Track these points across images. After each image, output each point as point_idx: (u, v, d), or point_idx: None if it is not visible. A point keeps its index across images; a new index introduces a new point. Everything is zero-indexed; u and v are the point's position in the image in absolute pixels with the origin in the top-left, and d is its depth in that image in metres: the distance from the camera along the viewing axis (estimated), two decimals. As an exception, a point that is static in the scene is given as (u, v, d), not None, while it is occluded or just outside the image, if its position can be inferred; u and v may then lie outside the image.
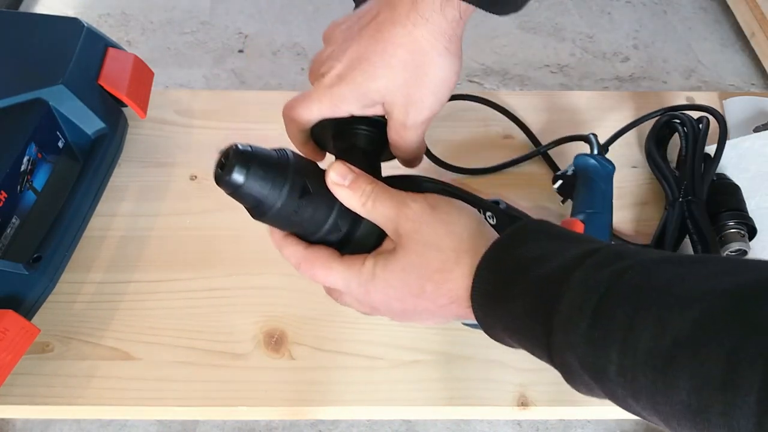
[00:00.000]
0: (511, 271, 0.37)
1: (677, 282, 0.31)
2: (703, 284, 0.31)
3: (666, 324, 0.30)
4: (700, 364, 0.28)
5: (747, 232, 0.59)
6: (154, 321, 0.57)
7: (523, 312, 0.36)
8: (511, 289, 0.36)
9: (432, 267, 0.39)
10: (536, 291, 0.35)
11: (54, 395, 0.54)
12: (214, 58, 1.87)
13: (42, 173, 0.60)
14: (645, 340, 0.30)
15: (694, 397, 0.28)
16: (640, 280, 0.32)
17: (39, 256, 0.56)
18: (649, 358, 0.30)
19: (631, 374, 0.31)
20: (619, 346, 0.31)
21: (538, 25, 1.97)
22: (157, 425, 1.27)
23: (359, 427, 1.28)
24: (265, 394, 0.54)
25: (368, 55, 0.42)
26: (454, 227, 0.40)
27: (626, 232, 0.63)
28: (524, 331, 0.36)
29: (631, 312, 0.31)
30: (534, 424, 1.29)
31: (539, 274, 0.36)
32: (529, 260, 0.37)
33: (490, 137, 0.71)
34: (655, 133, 0.67)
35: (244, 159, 0.38)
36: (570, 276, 0.34)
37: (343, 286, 0.42)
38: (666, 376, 0.29)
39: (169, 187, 0.67)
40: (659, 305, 0.31)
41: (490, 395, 0.54)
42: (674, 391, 0.29)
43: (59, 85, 0.60)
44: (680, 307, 0.30)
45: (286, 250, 0.43)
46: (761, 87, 1.84)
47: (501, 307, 0.37)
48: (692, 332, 0.29)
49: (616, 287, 0.33)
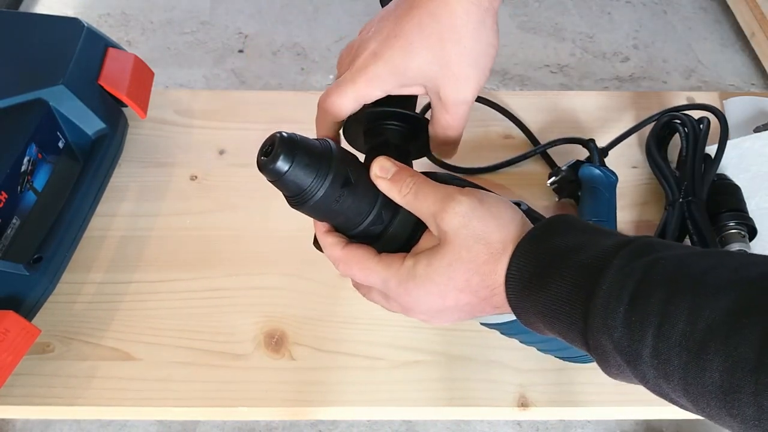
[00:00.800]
0: (548, 258, 0.38)
1: (709, 271, 0.33)
2: (732, 275, 0.32)
3: (700, 310, 0.32)
4: (733, 348, 0.30)
5: (747, 232, 0.59)
6: (154, 321, 0.57)
7: (560, 297, 0.37)
8: (548, 274, 0.37)
9: (480, 260, 0.39)
10: (574, 276, 0.36)
11: (54, 396, 0.54)
12: (214, 58, 1.87)
13: (42, 173, 0.60)
14: (680, 325, 0.32)
15: (726, 378, 0.30)
16: (673, 269, 0.34)
17: (39, 257, 0.56)
18: (684, 341, 0.32)
19: (665, 356, 0.32)
20: (655, 330, 0.33)
21: (538, 25, 1.97)
22: (157, 425, 1.27)
23: (359, 428, 1.28)
24: (265, 395, 0.54)
25: (404, 32, 0.40)
26: (502, 220, 0.40)
27: (627, 231, 0.63)
28: (560, 315, 0.37)
29: (666, 298, 0.33)
30: (534, 425, 1.29)
31: (576, 261, 0.37)
32: (565, 248, 0.38)
33: (490, 137, 0.71)
34: (655, 133, 0.67)
35: (290, 147, 0.38)
36: (607, 263, 0.35)
37: (382, 285, 0.42)
38: (699, 359, 0.31)
39: (169, 187, 0.67)
40: (693, 293, 0.32)
41: (490, 396, 0.54)
42: (706, 372, 0.31)
43: (59, 85, 0.60)
44: (713, 295, 0.32)
45: (326, 249, 0.44)
46: (761, 87, 1.84)
47: (537, 292, 0.38)
48: (726, 318, 0.31)
49: (651, 275, 0.34)
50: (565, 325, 0.37)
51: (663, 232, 0.60)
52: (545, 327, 0.39)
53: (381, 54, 0.41)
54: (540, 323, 0.39)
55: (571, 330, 0.37)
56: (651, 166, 0.66)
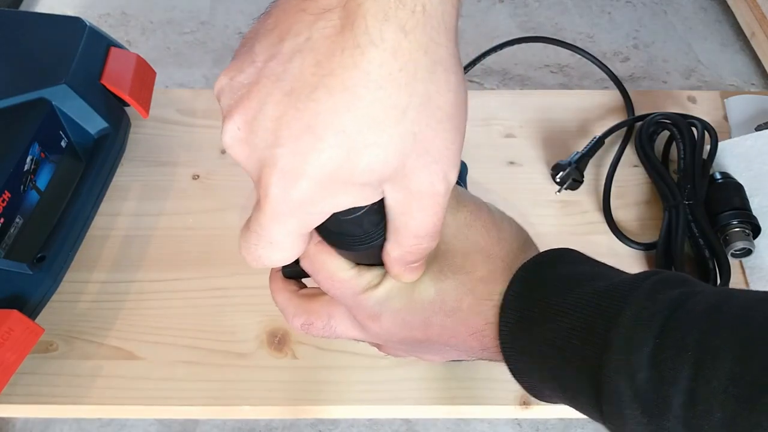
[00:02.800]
0: (555, 286, 0.31)
1: (760, 306, 0.27)
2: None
3: (753, 348, 0.25)
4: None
5: (751, 230, 0.59)
6: (157, 320, 0.58)
7: (570, 330, 0.29)
8: (555, 304, 0.30)
9: (476, 275, 0.33)
10: (589, 306, 0.29)
11: (58, 394, 0.54)
12: (214, 58, 1.87)
13: (45, 173, 0.60)
14: (726, 364, 0.25)
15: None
16: (717, 301, 0.27)
17: (43, 256, 0.56)
18: (731, 386, 0.24)
19: (703, 407, 0.25)
20: (692, 371, 0.25)
21: (538, 25, 1.97)
22: (157, 425, 1.27)
23: (359, 427, 1.28)
24: (268, 394, 0.54)
25: (327, 119, 0.25)
26: (505, 234, 0.35)
27: (629, 230, 0.63)
28: (566, 353, 0.29)
29: (708, 332, 0.26)
30: (534, 424, 1.29)
31: (593, 289, 0.30)
32: (579, 276, 0.31)
33: (491, 136, 0.71)
34: (647, 137, 0.67)
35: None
36: (633, 290, 0.29)
37: (342, 294, 0.35)
38: (752, 411, 0.24)
39: (171, 186, 0.67)
40: (742, 329, 0.26)
41: (491, 394, 0.54)
42: (761, 429, 0.24)
43: (62, 84, 0.60)
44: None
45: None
46: (761, 87, 1.84)
47: (539, 326, 0.31)
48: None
49: (688, 305, 0.27)
50: (572, 369, 0.29)
51: (668, 235, 0.60)
52: (542, 378, 0.32)
53: (303, 170, 0.25)
54: (536, 372, 0.32)
55: (580, 376, 0.29)
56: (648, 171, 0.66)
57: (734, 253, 0.59)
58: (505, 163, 0.69)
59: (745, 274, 0.60)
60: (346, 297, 0.35)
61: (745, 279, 0.60)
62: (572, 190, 0.65)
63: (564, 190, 0.65)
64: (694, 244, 0.59)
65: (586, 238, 0.63)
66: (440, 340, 0.34)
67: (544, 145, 0.70)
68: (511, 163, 0.69)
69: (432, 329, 0.34)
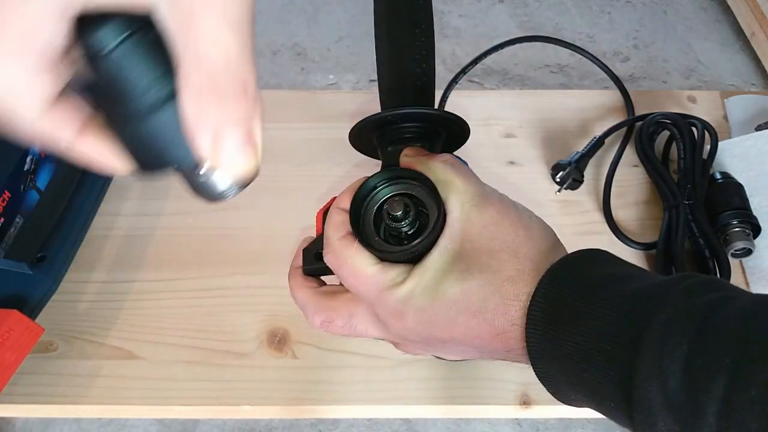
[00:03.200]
0: (585, 288, 0.30)
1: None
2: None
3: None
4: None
5: (751, 230, 0.59)
6: (157, 320, 0.58)
7: (600, 334, 0.28)
8: (585, 306, 0.29)
9: (504, 274, 0.32)
10: (620, 308, 0.28)
11: (58, 394, 0.54)
12: (215, 58, 1.87)
13: (45, 173, 0.60)
14: (764, 373, 0.23)
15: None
16: (753, 307, 0.26)
17: (43, 256, 0.56)
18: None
19: (739, 415, 0.24)
20: (728, 378, 0.24)
21: (538, 25, 1.97)
22: (157, 425, 1.27)
23: (359, 427, 1.28)
24: (268, 393, 0.54)
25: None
26: (534, 233, 0.34)
27: (629, 230, 0.63)
28: (594, 359, 0.28)
29: (745, 339, 0.25)
30: (534, 424, 1.29)
31: (623, 291, 0.29)
32: (609, 278, 0.30)
33: (491, 136, 0.71)
34: (646, 137, 0.67)
35: None
36: (666, 293, 0.28)
37: (375, 297, 0.34)
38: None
39: (171, 186, 0.67)
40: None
41: (491, 394, 0.54)
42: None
43: (62, 84, 0.60)
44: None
45: (332, 231, 0.37)
46: (761, 87, 1.84)
47: (568, 329, 0.30)
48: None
49: (724, 311, 0.26)
50: (600, 374, 0.28)
51: (668, 235, 0.60)
52: (569, 382, 0.30)
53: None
54: (563, 377, 0.31)
55: (608, 381, 0.28)
56: (648, 171, 0.66)
57: (734, 253, 0.59)
58: (505, 163, 0.69)
59: (745, 274, 0.60)
60: (370, 294, 0.35)
61: (745, 279, 0.60)
62: (572, 190, 0.66)
63: (564, 189, 0.65)
64: (694, 244, 0.59)
65: (586, 238, 0.63)
66: (464, 340, 0.33)
67: (544, 145, 0.70)
68: (511, 163, 0.69)
69: (456, 329, 0.33)
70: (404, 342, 0.37)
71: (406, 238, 0.36)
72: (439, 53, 2.20)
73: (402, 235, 0.36)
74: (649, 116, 0.67)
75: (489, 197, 0.34)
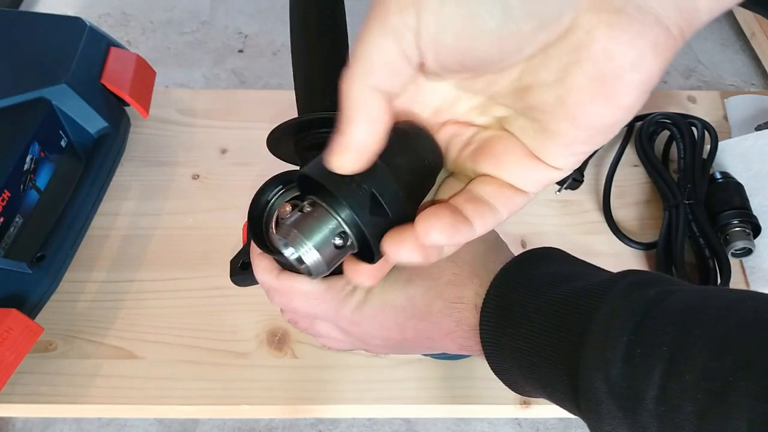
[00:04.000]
0: (534, 286, 0.32)
1: (735, 307, 0.27)
2: (763, 306, 0.27)
3: (727, 346, 0.25)
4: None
5: (751, 230, 0.59)
6: (157, 320, 0.57)
7: (547, 329, 0.30)
8: (534, 303, 0.31)
9: (443, 279, 0.34)
10: (566, 304, 0.30)
11: (57, 394, 0.54)
12: (214, 58, 1.87)
13: (45, 172, 0.60)
14: (699, 360, 0.25)
15: (760, 428, 0.23)
16: (693, 301, 0.28)
17: (42, 255, 0.56)
18: (703, 380, 0.25)
19: (675, 400, 0.25)
20: (665, 365, 0.26)
21: (538, 25, 1.97)
22: (157, 425, 1.27)
23: (359, 427, 1.28)
24: (268, 393, 0.54)
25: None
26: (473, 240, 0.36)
27: (629, 230, 0.63)
28: (545, 351, 0.30)
29: (683, 331, 0.26)
30: (534, 424, 1.29)
31: (570, 288, 0.31)
32: (559, 276, 0.32)
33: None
34: (646, 137, 0.67)
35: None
36: (609, 290, 0.29)
37: (332, 315, 0.36)
38: (723, 404, 0.24)
39: (171, 186, 0.67)
40: (717, 328, 0.26)
41: (491, 393, 0.54)
42: (731, 421, 0.24)
43: (62, 84, 0.60)
44: (745, 329, 0.25)
45: (260, 274, 0.37)
46: (761, 87, 1.84)
47: (518, 325, 0.32)
48: (760, 354, 0.24)
49: (664, 304, 0.28)
50: (550, 365, 0.30)
51: (668, 234, 0.60)
52: (522, 375, 0.32)
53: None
54: (516, 369, 0.33)
55: (557, 372, 0.30)
56: (648, 170, 0.66)
57: (734, 252, 0.59)
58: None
59: (745, 274, 0.60)
60: (328, 311, 0.36)
61: (745, 278, 0.60)
62: (572, 190, 0.65)
63: (564, 189, 0.65)
64: (695, 244, 0.59)
65: (586, 238, 0.63)
66: (417, 341, 0.36)
67: (544, 145, 0.69)
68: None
69: (407, 331, 0.36)
70: (367, 345, 0.39)
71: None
72: (439, 53, 2.22)
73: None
74: (649, 116, 0.67)
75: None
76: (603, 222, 0.64)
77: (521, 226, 0.63)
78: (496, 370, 0.34)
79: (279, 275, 0.36)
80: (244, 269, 0.40)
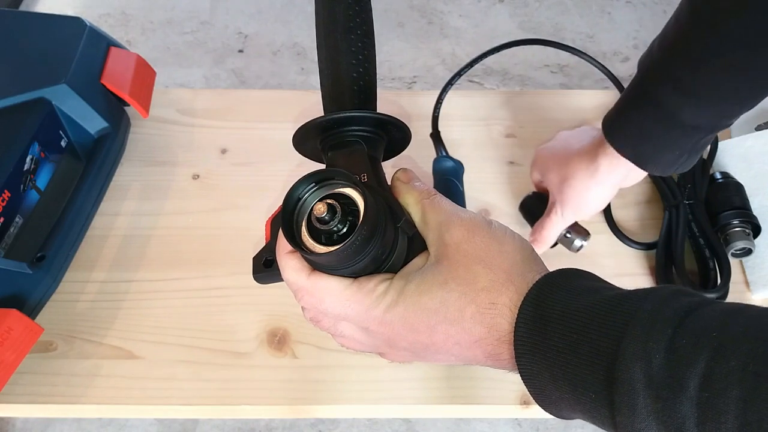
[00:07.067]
0: (575, 292, 0.32)
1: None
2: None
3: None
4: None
5: (751, 230, 0.59)
6: (156, 320, 0.58)
7: (586, 325, 0.30)
8: (573, 305, 0.32)
9: (478, 285, 0.35)
10: (607, 305, 0.30)
11: (57, 394, 0.54)
12: (214, 58, 1.87)
13: (45, 172, 0.60)
14: (746, 346, 0.26)
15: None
16: (733, 306, 0.29)
17: (42, 255, 0.56)
18: (752, 363, 0.25)
19: (720, 385, 0.25)
20: (711, 353, 0.26)
21: (538, 25, 1.97)
22: (157, 425, 1.27)
23: (359, 427, 1.28)
24: (268, 393, 0.54)
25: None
26: (507, 247, 0.36)
27: (630, 230, 0.63)
28: (580, 348, 0.30)
29: (728, 323, 0.27)
30: (534, 424, 1.29)
31: (612, 294, 0.31)
32: (596, 287, 0.33)
33: (492, 136, 0.71)
34: None
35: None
36: (651, 293, 0.30)
37: (363, 315, 0.36)
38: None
39: (171, 186, 0.67)
40: (763, 319, 0.27)
41: (492, 394, 0.54)
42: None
43: (62, 84, 0.60)
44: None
45: (289, 274, 0.38)
46: (761, 87, 1.84)
47: (555, 323, 0.32)
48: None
49: (705, 308, 0.28)
50: (585, 362, 0.30)
51: (668, 234, 0.60)
52: (552, 375, 0.32)
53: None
54: (547, 371, 0.32)
55: (592, 368, 0.29)
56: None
57: (734, 252, 0.59)
58: (505, 163, 0.69)
59: (745, 274, 0.60)
60: (360, 312, 0.36)
61: (745, 279, 0.60)
62: (572, 190, 0.65)
63: (564, 189, 0.65)
64: (695, 244, 0.59)
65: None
66: (444, 347, 0.36)
67: (544, 145, 0.70)
68: (511, 163, 0.69)
69: (436, 336, 0.35)
70: (390, 349, 0.39)
71: (344, 237, 0.36)
72: (439, 53, 2.18)
73: (336, 236, 0.36)
74: None
75: (455, 219, 0.37)
76: (603, 222, 0.64)
77: (525, 227, 0.63)
78: (524, 375, 0.33)
79: (310, 275, 0.37)
80: (267, 266, 0.40)
